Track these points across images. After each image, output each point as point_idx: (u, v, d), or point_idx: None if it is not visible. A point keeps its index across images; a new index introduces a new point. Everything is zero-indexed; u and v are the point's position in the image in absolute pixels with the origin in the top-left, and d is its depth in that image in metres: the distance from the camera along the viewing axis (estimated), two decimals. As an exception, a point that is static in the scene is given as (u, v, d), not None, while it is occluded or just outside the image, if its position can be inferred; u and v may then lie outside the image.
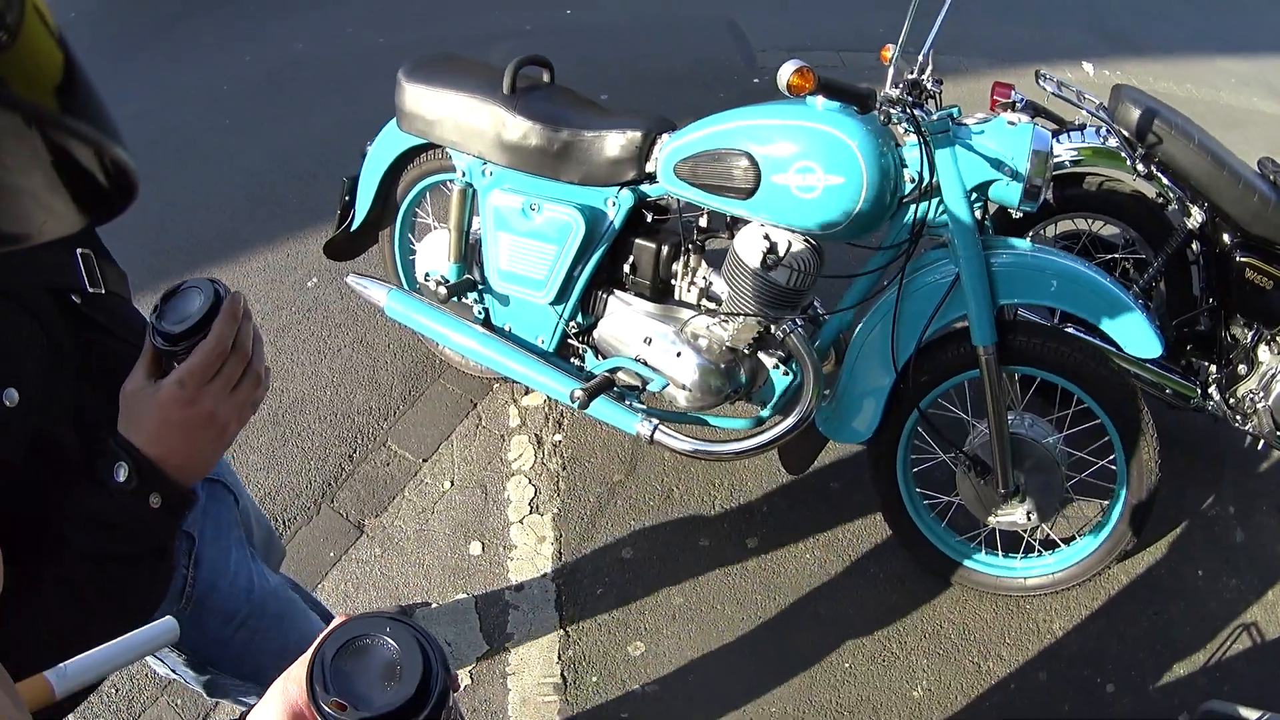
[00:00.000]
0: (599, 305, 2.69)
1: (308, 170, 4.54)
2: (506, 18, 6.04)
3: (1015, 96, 2.58)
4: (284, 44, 5.99)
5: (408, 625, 0.77)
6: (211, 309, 0.99)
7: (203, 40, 6.21)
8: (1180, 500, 2.99)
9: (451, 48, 5.54)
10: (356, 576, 2.80)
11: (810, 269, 2.34)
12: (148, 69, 5.97)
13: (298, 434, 3.23)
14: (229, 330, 0.99)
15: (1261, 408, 2.73)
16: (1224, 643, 2.68)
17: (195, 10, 6.71)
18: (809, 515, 2.90)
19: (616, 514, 2.91)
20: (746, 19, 6.01)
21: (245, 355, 1.03)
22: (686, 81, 5.18)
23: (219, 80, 5.59)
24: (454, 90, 2.65)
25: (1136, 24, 6.45)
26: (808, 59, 1.99)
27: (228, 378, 1.01)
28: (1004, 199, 2.20)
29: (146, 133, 5.18)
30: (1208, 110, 5.36)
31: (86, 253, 1.14)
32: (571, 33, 5.90)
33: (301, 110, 5.12)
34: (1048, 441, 2.47)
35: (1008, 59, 5.50)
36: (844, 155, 2.14)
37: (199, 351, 0.98)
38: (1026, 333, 2.39)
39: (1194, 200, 2.76)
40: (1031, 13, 6.45)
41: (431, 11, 6.28)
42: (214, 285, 1.01)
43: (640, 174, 2.49)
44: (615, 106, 2.74)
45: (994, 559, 2.69)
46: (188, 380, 0.98)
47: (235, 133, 5.01)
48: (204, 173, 4.73)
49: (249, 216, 4.35)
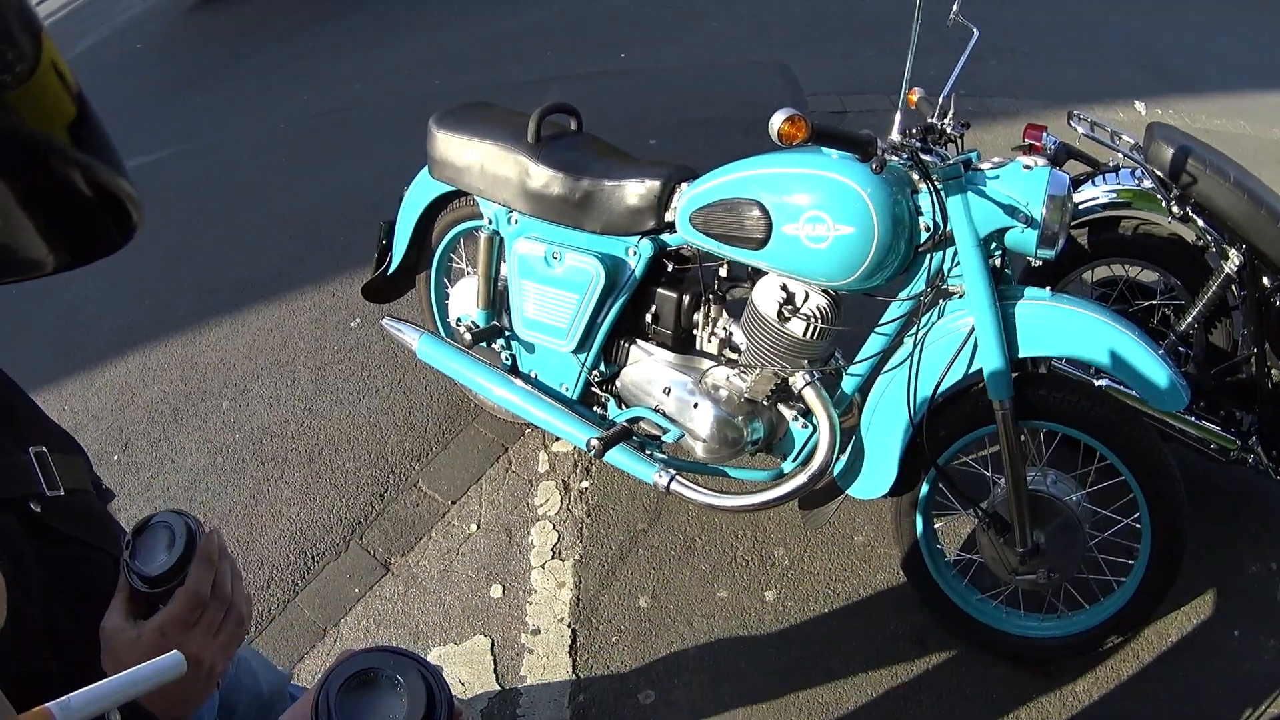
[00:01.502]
0: (621, 354, 2.71)
1: (359, 213, 4.64)
2: (561, 62, 6.14)
3: (1047, 139, 2.54)
4: (341, 85, 6.15)
5: (412, 659, 0.79)
6: (187, 549, 0.99)
7: (264, 79, 6.41)
8: (1219, 556, 2.87)
9: (505, 91, 5.70)
10: (379, 613, 2.84)
11: (827, 320, 2.33)
12: (209, 106, 6.17)
13: (332, 471, 3.29)
14: (207, 576, 0.99)
15: None
16: (1260, 707, 2.56)
17: (257, 50, 6.93)
18: (830, 568, 2.86)
19: (637, 562, 2.91)
20: (798, 63, 6.03)
21: (226, 598, 1.02)
22: (736, 126, 5.20)
23: (277, 120, 5.75)
24: (481, 139, 2.70)
25: (1190, 63, 6.34)
26: (858, 102, 2.00)
27: (210, 622, 1.00)
28: (1020, 246, 2.15)
29: (206, 170, 5.35)
30: (1261, 147, 5.24)
31: (40, 450, 1.08)
32: (624, 77, 5.98)
33: (356, 152, 5.25)
34: (1070, 499, 2.39)
35: (1059, 100, 5.41)
36: (854, 204, 2.12)
37: (179, 600, 0.98)
38: (1048, 386, 2.32)
39: (1232, 242, 2.63)
40: (1086, 55, 6.37)
41: (488, 55, 6.41)
42: (185, 521, 1.01)
43: (660, 223, 2.50)
44: (650, 153, 2.76)
45: (1015, 618, 2.63)
46: (169, 630, 0.97)
47: (290, 173, 5.14)
48: (259, 212, 4.86)
49: (299, 257, 4.46)
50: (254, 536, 3.09)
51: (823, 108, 5.40)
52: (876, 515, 2.99)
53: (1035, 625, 2.60)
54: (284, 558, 3.01)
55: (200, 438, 3.53)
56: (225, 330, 4.09)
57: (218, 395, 3.73)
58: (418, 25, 7.20)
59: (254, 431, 3.52)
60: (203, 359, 3.95)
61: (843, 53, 6.25)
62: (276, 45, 7.21)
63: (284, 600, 2.89)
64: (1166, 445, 2.43)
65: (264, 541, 3.07)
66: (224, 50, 7.30)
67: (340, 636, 2.78)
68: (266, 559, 3.01)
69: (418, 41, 6.86)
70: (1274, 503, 3.05)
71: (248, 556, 3.03)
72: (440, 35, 6.94)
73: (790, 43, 6.40)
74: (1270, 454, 2.73)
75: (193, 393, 3.76)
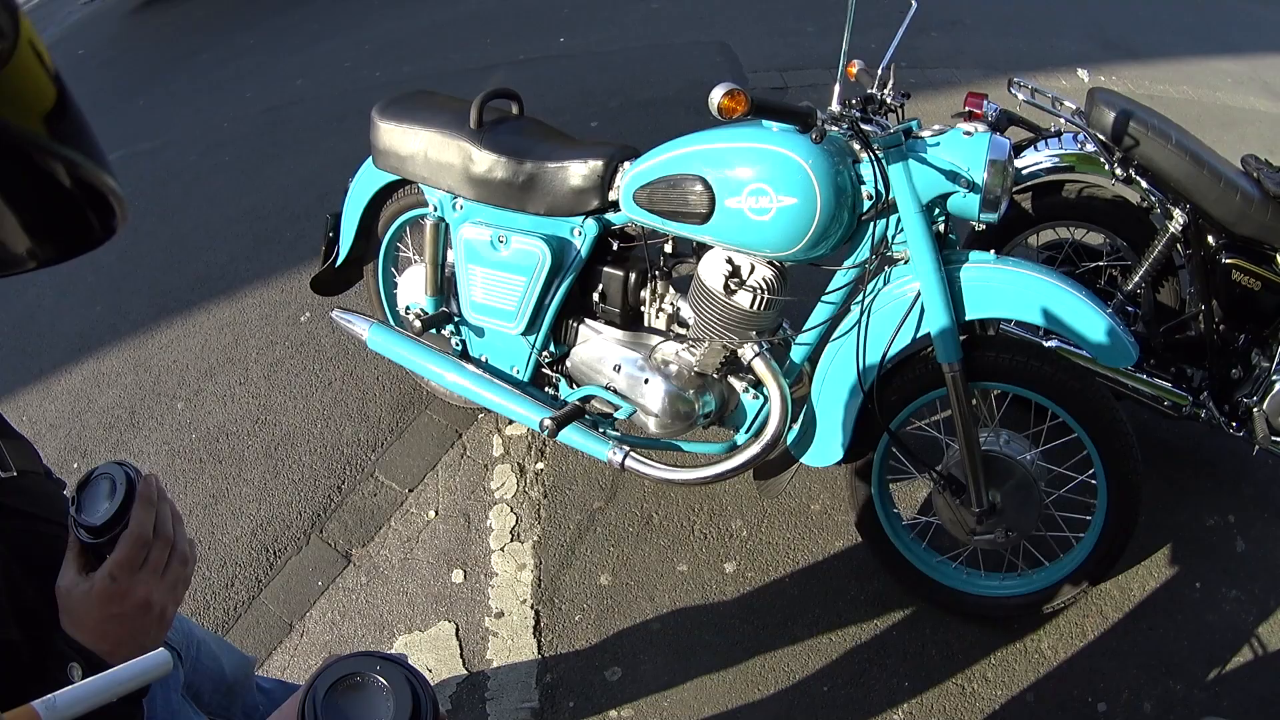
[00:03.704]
0: (570, 334, 2.71)
1: (305, 207, 4.62)
2: (501, 49, 6.12)
3: (987, 106, 2.56)
4: (285, 80, 6.10)
5: (397, 664, 0.80)
6: (127, 496, 1.02)
7: (207, 77, 6.35)
8: (1177, 511, 2.94)
9: (448, 79, 5.67)
10: (343, 605, 2.83)
11: (774, 291, 2.35)
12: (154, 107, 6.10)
13: (289, 466, 3.28)
14: (148, 517, 1.02)
15: (1257, 413, 2.65)
16: (1223, 656, 2.61)
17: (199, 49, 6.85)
18: (788, 537, 2.89)
19: (596, 541, 2.92)
20: (738, 42, 6.04)
21: (168, 538, 1.05)
22: (678, 105, 5.22)
23: (221, 118, 5.70)
24: (423, 126, 2.69)
25: (1135, 31, 6.43)
26: (798, 78, 2.01)
27: (155, 563, 1.03)
28: (963, 211, 2.17)
29: (153, 171, 5.30)
30: (1204, 112, 5.33)
31: None
32: (566, 61, 5.97)
33: (301, 147, 5.21)
34: (1024, 458, 2.42)
35: (1001, 70, 5.47)
36: (796, 175, 2.13)
37: (123, 543, 1.01)
38: (996, 348, 2.34)
39: (1175, 202, 2.68)
40: (1030, 25, 6.43)
41: (429, 45, 6.38)
42: (125, 470, 1.04)
43: (604, 203, 2.51)
44: (592, 135, 2.76)
45: (975, 578, 2.66)
46: (118, 573, 1.00)
47: (236, 170, 5.10)
48: (206, 211, 4.82)
49: (248, 254, 4.43)
50: (215, 535, 3.07)
51: (764, 84, 5.42)
52: (832, 483, 3.02)
53: (996, 584, 2.64)
54: (246, 555, 3.00)
55: (157, 440, 3.50)
56: (177, 331, 4.06)
57: (173, 397, 3.70)
58: (359, 19, 7.15)
59: (210, 431, 3.50)
60: (156, 361, 3.91)
61: (782, 31, 6.27)
62: (219, 44, 7.13)
63: (248, 597, 2.88)
64: (1120, 402, 2.46)
65: (226, 540, 3.05)
66: (167, 51, 7.22)
67: (306, 630, 2.77)
68: (229, 557, 2.99)
69: (359, 34, 6.81)
70: (1227, 456, 3.12)
71: (210, 556, 3.01)
72: (381, 28, 6.89)
73: (730, 21, 6.41)
74: (1221, 409, 2.78)
75: (148, 395, 3.73)
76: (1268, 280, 2.63)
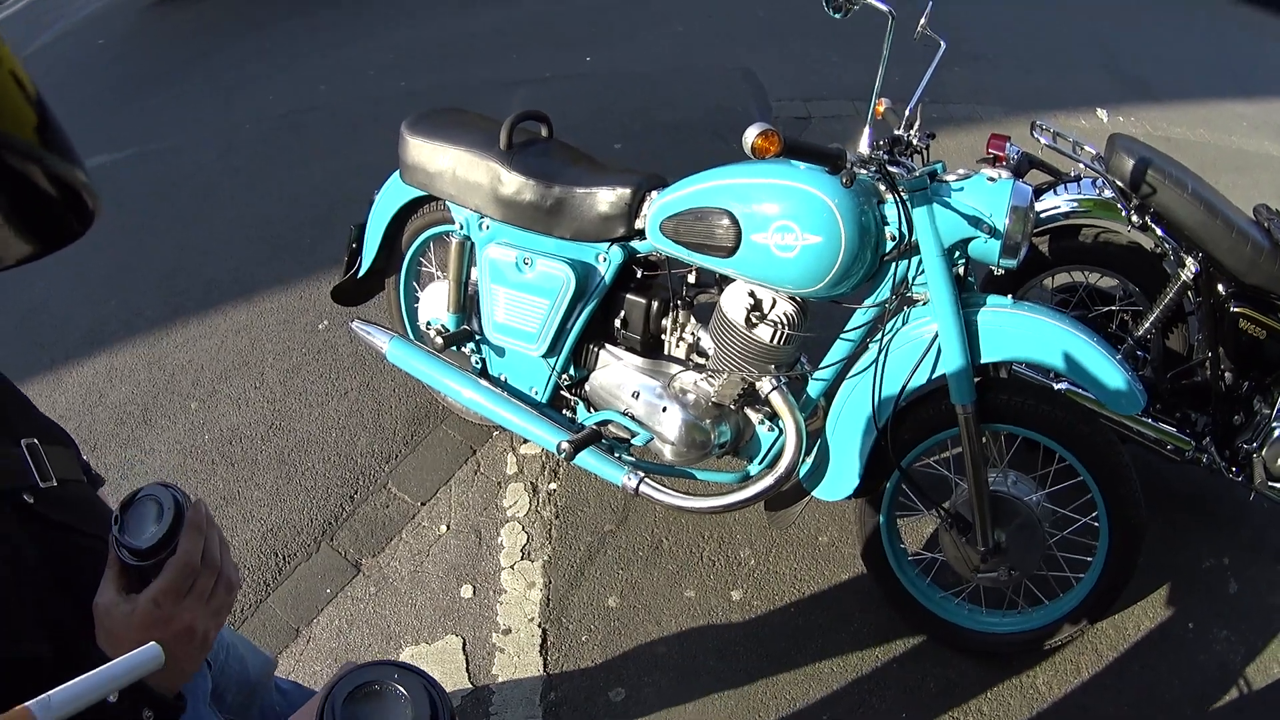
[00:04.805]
0: (590, 359, 2.75)
1: (323, 214, 4.65)
2: (526, 64, 6.15)
3: (1010, 149, 2.60)
4: (307, 85, 6.12)
5: (416, 673, 0.81)
6: (175, 520, 1.00)
7: (226, 77, 6.36)
8: (1174, 553, 2.98)
9: (471, 93, 5.71)
10: (350, 614, 2.86)
11: (794, 326, 2.39)
12: (171, 104, 6.12)
13: (302, 473, 3.31)
14: (197, 545, 1.01)
15: (1256, 458, 2.68)
16: (1213, 695, 2.65)
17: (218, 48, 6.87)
18: (795, 568, 2.92)
19: (606, 563, 2.95)
20: (764, 69, 6.08)
21: (215, 566, 1.04)
22: (701, 130, 5.25)
23: (241, 120, 5.72)
24: (453, 144, 2.73)
25: (1154, 71, 6.48)
26: (822, 108, 2.03)
27: (201, 590, 1.02)
28: (984, 256, 2.20)
29: (168, 169, 5.32)
30: (1219, 155, 5.38)
31: (32, 443, 1.10)
32: (590, 80, 6.01)
33: (320, 153, 5.24)
34: (1030, 499, 2.46)
35: (1023, 107, 5.53)
36: (822, 214, 2.16)
37: (171, 569, 0.99)
38: (1008, 390, 2.38)
39: (1188, 250, 2.72)
40: (1050, 62, 6.48)
41: (453, 57, 6.40)
42: (173, 493, 1.03)
43: (630, 230, 2.55)
44: (617, 161, 2.79)
45: (976, 615, 2.70)
46: (163, 600, 0.98)
47: (254, 174, 5.13)
48: (222, 214, 4.85)
49: (264, 259, 4.46)
50: (225, 538, 3.08)
51: (788, 114, 5.47)
52: (840, 516, 3.05)
53: (996, 621, 2.68)
54: (255, 559, 3.02)
55: (169, 439, 3.53)
56: (192, 331, 4.09)
57: (186, 396, 3.73)
58: (382, 25, 7.18)
59: (223, 433, 3.53)
60: (170, 360, 3.94)
61: (806, 58, 6.31)
62: (238, 43, 7.15)
63: (256, 601, 2.90)
64: (1124, 446, 2.50)
65: (235, 543, 3.08)
66: (186, 47, 7.23)
67: (313, 636, 2.80)
68: (238, 560, 3.01)
69: (382, 41, 6.84)
70: (1227, 501, 3.16)
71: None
72: (405, 37, 6.92)
73: (755, 48, 6.45)
74: (1223, 454, 2.82)
75: (161, 394, 3.76)
76: (1273, 329, 2.67)
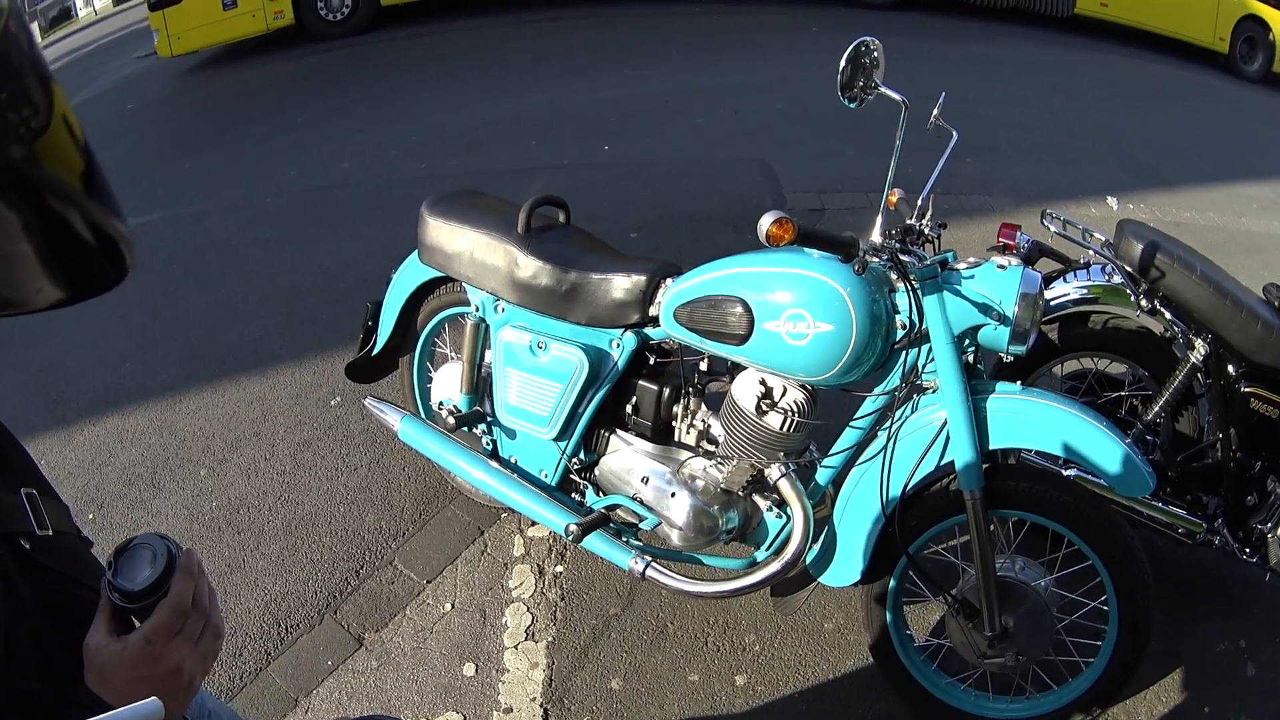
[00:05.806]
0: (601, 443, 2.78)
1: (343, 290, 4.71)
2: (546, 152, 6.27)
3: (1020, 238, 2.64)
4: (330, 163, 6.24)
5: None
6: (168, 567, 1.04)
7: (254, 149, 6.49)
8: (1188, 635, 2.95)
9: (492, 179, 5.83)
10: (351, 686, 2.85)
11: (804, 414, 2.42)
12: (198, 171, 6.24)
13: (308, 545, 3.32)
14: (188, 588, 1.04)
15: (1271, 539, 2.67)
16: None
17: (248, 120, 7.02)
18: (800, 654, 2.91)
19: (610, 645, 2.94)
20: (779, 160, 6.20)
21: (204, 609, 1.07)
22: (718, 221, 5.34)
23: (265, 192, 5.82)
24: (471, 227, 2.79)
25: (1163, 157, 6.59)
26: (836, 200, 2.07)
27: (190, 632, 1.04)
28: (993, 343, 2.23)
29: (193, 236, 5.41)
30: (1229, 238, 5.45)
31: (31, 492, 1.13)
32: (608, 168, 6.12)
33: (342, 230, 5.33)
34: (1038, 584, 2.45)
35: (1033, 197, 5.62)
36: (834, 303, 2.19)
37: (163, 609, 1.02)
38: (1016, 476, 2.39)
39: (1198, 333, 2.73)
40: (1061, 152, 6.61)
41: (475, 143, 6.54)
42: (165, 543, 1.06)
43: (644, 317, 2.59)
44: (631, 249, 2.84)
45: (983, 701, 2.67)
46: (154, 638, 1.00)
47: (276, 246, 5.22)
48: (243, 283, 4.92)
49: (282, 330, 4.52)
50: (228, 605, 3.09)
51: (802, 205, 5.57)
52: (846, 602, 3.05)
53: (1003, 707, 2.65)
54: (257, 627, 3.02)
55: (177, 503, 3.55)
56: (206, 399, 4.13)
57: (196, 463, 3.76)
58: (408, 110, 7.36)
59: (231, 501, 3.55)
60: (182, 426, 3.97)
61: (823, 151, 6.44)
62: (267, 116, 7.32)
63: (256, 669, 2.89)
64: (1135, 529, 2.50)
65: (238, 610, 3.07)
66: (216, 117, 7.41)
67: (311, 707, 2.78)
68: (240, 627, 3.01)
69: (407, 125, 7.00)
70: (1240, 582, 3.15)
71: (221, 625, 3.02)
72: (429, 121, 7.09)
73: (771, 140, 6.58)
74: (1235, 535, 2.81)
75: (171, 458, 3.79)
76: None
